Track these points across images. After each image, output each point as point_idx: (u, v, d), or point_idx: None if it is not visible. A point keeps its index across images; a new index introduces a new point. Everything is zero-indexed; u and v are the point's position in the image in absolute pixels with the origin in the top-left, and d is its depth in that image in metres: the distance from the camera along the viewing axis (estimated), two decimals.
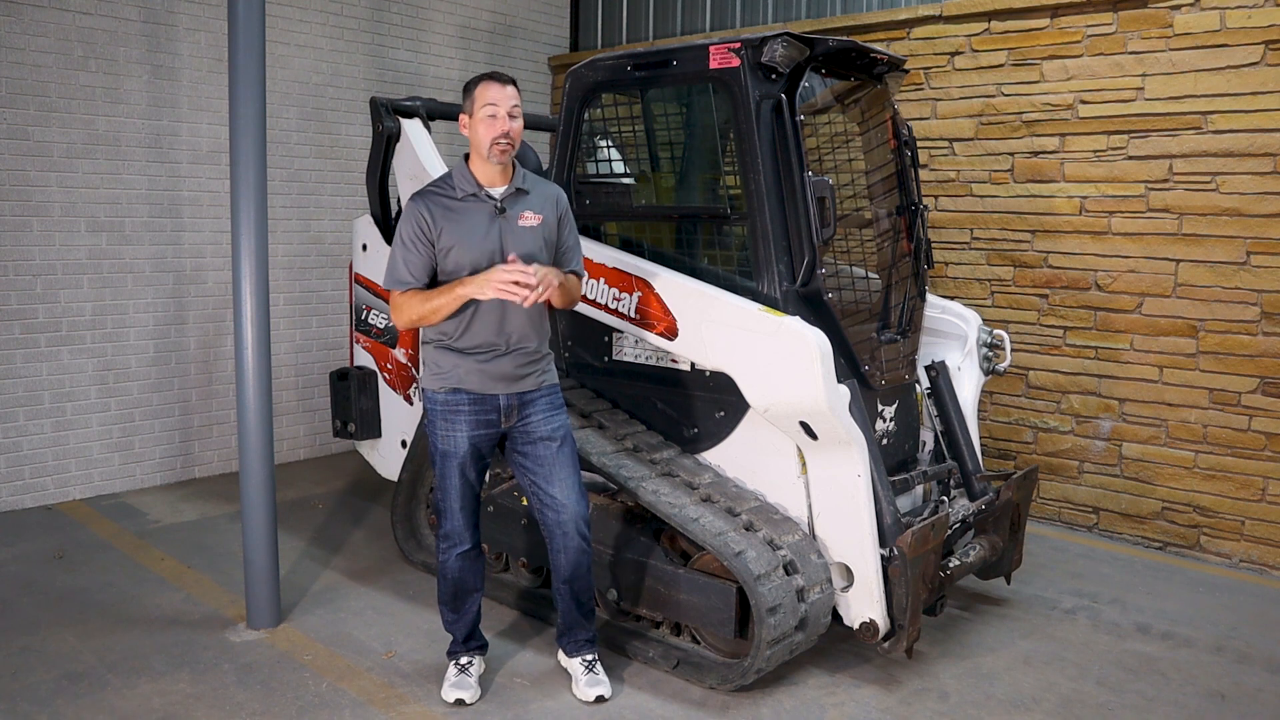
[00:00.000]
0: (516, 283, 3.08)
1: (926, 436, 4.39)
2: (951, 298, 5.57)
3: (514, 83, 3.27)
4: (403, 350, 4.92)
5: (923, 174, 5.79)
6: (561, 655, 3.70)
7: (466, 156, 3.32)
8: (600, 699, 3.48)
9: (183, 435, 6.20)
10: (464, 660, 3.56)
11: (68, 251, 5.62)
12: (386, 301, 4.93)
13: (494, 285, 3.09)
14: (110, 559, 4.83)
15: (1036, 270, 5.66)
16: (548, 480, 3.42)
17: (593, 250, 4.02)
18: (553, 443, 3.41)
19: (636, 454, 3.92)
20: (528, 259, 3.22)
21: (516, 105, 3.23)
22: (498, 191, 3.28)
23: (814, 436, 3.54)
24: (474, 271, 3.20)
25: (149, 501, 5.77)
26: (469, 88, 3.28)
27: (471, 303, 3.23)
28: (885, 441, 4.04)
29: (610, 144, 4.48)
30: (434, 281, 3.30)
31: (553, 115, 7.34)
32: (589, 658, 3.58)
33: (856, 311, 3.89)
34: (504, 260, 3.19)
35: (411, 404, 4.91)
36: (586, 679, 3.52)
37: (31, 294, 5.51)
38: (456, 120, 5.38)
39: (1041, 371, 5.69)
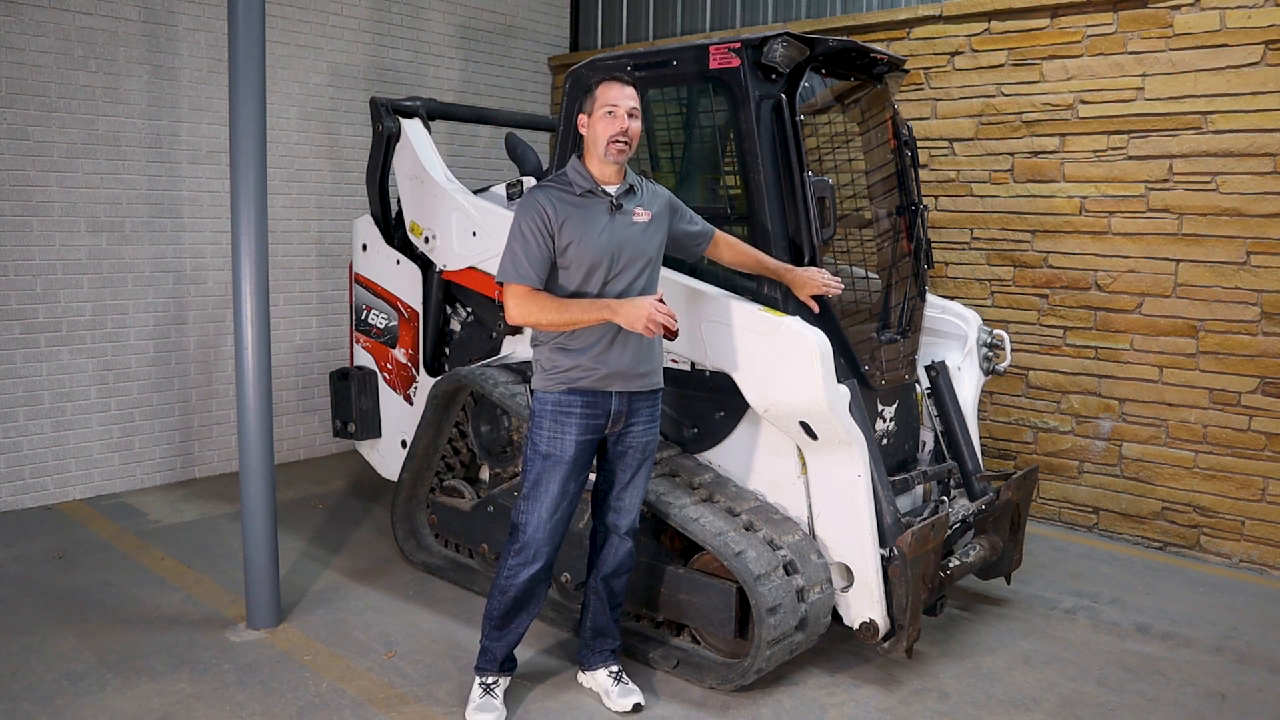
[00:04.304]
0: (661, 323, 3.02)
1: (926, 436, 4.39)
2: (951, 298, 5.57)
3: (634, 85, 3.23)
4: (403, 350, 4.93)
5: (923, 174, 5.80)
6: (582, 674, 3.60)
7: (580, 156, 3.28)
8: (637, 707, 3.41)
9: (183, 435, 6.20)
10: (490, 680, 3.39)
11: (68, 251, 5.62)
12: (387, 302, 4.99)
13: (644, 324, 3.02)
14: (110, 559, 4.83)
15: (1036, 270, 5.66)
16: (625, 487, 3.41)
17: None
18: (642, 454, 3.39)
19: None
20: (642, 255, 3.24)
21: (635, 107, 3.20)
22: (612, 189, 3.25)
23: (814, 436, 3.54)
24: (593, 268, 3.16)
25: (149, 501, 5.77)
26: (588, 88, 3.23)
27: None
28: (885, 441, 4.04)
29: None
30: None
31: (553, 115, 7.36)
32: (615, 669, 3.52)
33: (856, 311, 3.89)
34: (622, 259, 3.18)
35: (411, 404, 4.91)
36: (619, 690, 3.45)
37: (31, 294, 5.51)
38: (456, 120, 5.49)
39: (1041, 371, 5.69)
